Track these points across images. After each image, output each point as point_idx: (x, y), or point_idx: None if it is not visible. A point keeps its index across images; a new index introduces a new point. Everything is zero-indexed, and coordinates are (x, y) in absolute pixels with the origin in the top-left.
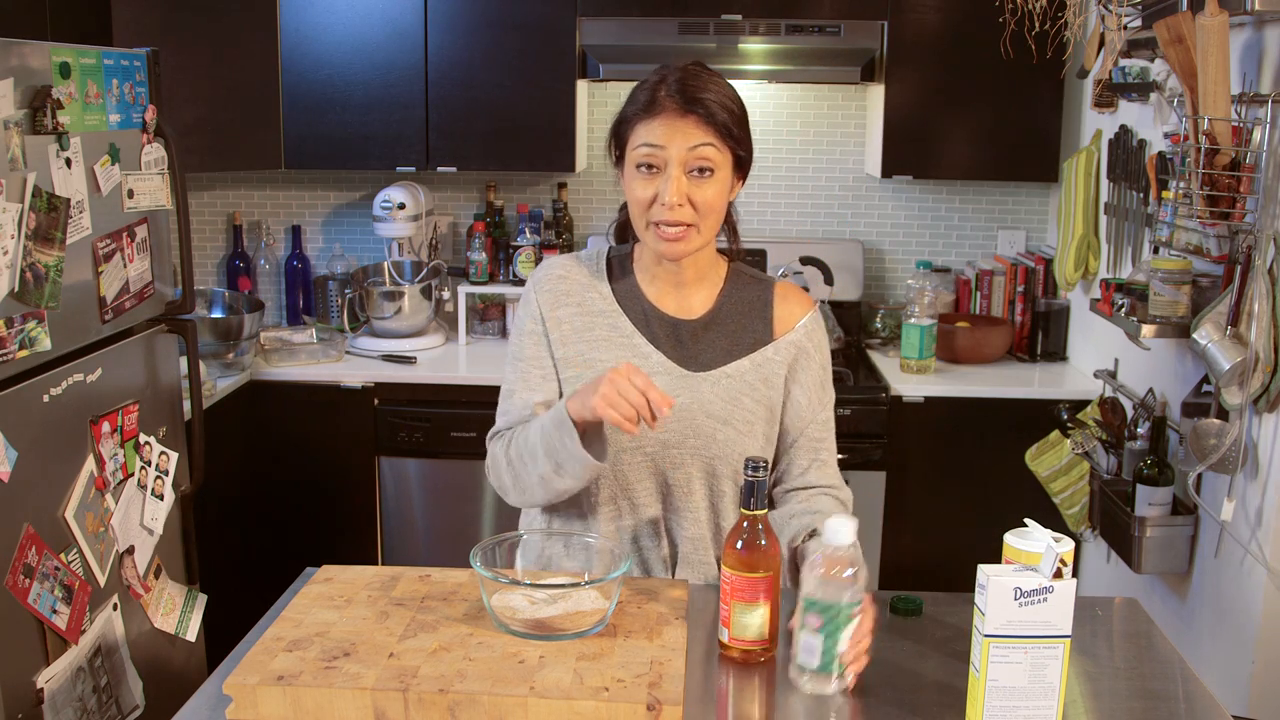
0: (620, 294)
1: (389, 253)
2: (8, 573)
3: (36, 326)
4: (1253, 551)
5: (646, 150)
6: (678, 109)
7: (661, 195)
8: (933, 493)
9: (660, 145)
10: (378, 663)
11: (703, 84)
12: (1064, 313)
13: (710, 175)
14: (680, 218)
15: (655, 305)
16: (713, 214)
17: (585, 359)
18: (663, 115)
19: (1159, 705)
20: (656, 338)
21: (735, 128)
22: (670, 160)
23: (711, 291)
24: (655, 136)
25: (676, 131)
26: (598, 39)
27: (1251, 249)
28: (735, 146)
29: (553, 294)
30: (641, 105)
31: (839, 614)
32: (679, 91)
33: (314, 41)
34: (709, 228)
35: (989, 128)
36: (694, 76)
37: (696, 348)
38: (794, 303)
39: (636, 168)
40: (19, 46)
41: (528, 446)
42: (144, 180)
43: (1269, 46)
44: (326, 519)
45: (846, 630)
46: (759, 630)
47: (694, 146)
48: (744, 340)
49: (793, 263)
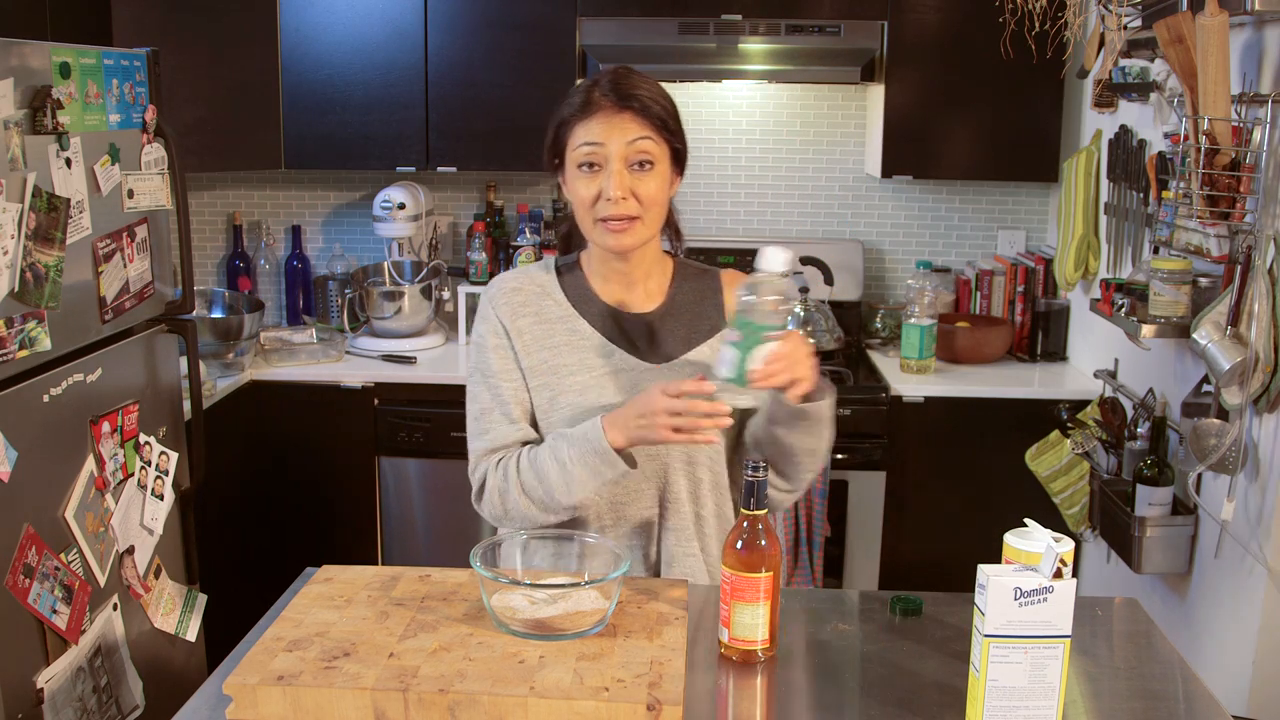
0: (574, 298)
1: (389, 253)
2: (8, 573)
3: (36, 326)
4: (1253, 551)
5: (587, 149)
6: (613, 106)
7: (605, 190)
8: (933, 493)
9: (600, 142)
10: (378, 663)
11: (634, 82)
12: (1064, 313)
13: (651, 168)
14: (625, 210)
15: (610, 305)
16: (655, 206)
17: (549, 365)
18: (600, 113)
19: (1159, 705)
20: (615, 336)
21: (670, 121)
22: (611, 156)
23: (661, 285)
24: (594, 134)
25: (614, 127)
26: (598, 39)
27: (1251, 249)
28: (671, 139)
29: (509, 305)
30: (577, 106)
31: (757, 333)
32: (612, 89)
33: (314, 41)
34: (653, 219)
35: (989, 128)
36: (625, 76)
37: (656, 339)
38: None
39: (578, 167)
40: (19, 46)
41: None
42: (144, 180)
43: (1269, 46)
44: (326, 519)
45: (762, 349)
46: (759, 630)
47: (632, 140)
48: (700, 328)
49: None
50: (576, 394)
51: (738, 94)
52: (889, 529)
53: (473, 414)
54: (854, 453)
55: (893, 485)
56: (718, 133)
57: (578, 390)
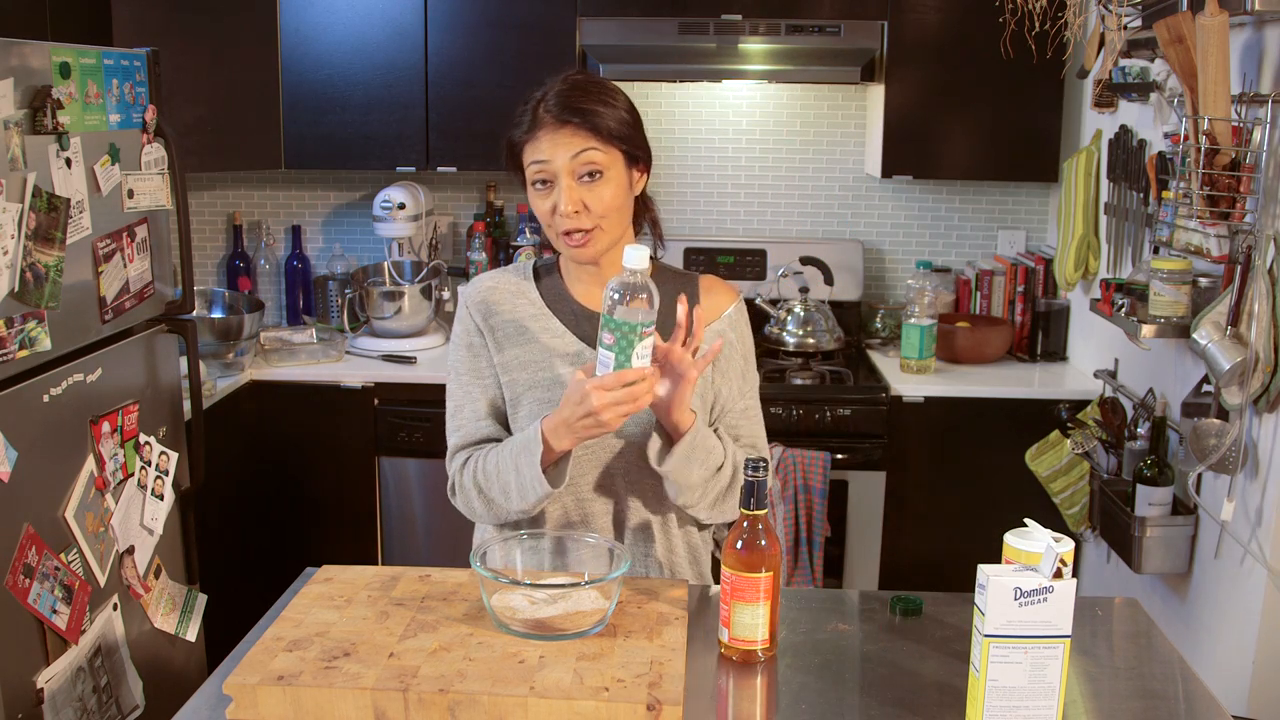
0: (548, 298)
1: (389, 253)
2: (8, 573)
3: (36, 326)
4: (1253, 551)
5: (536, 167)
6: (554, 122)
7: (558, 206)
8: (933, 493)
9: (545, 160)
10: (378, 663)
11: (579, 93)
12: (1064, 313)
13: (600, 178)
14: (579, 223)
15: (583, 304)
16: (611, 213)
17: (520, 362)
18: (543, 130)
19: (1159, 705)
20: (587, 335)
21: (617, 126)
22: (558, 171)
23: None
24: (541, 152)
25: (558, 144)
26: (598, 39)
27: (1251, 249)
28: (621, 144)
29: (484, 304)
30: (525, 127)
31: (631, 332)
32: (555, 104)
33: (314, 41)
34: (612, 226)
35: (989, 128)
36: (571, 88)
37: None
38: (719, 294)
39: (533, 185)
40: (19, 46)
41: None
42: (144, 180)
43: (1269, 46)
44: (326, 519)
45: (638, 347)
46: (759, 630)
47: (576, 154)
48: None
49: (793, 263)
50: (544, 390)
51: (738, 94)
52: (889, 529)
53: (449, 411)
54: (854, 453)
55: (893, 485)
56: (718, 133)
57: (545, 387)
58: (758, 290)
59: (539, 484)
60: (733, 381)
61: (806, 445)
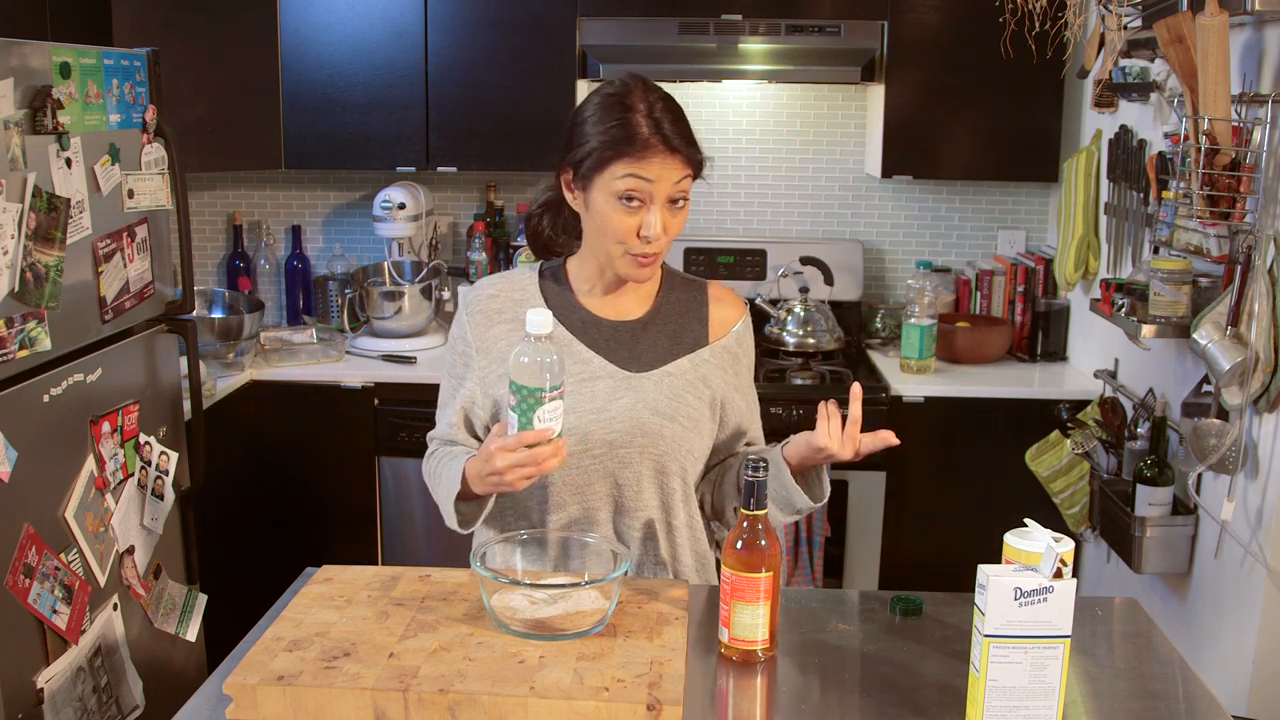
0: (555, 305)
1: (389, 253)
2: (8, 573)
3: (36, 326)
4: (1253, 551)
5: (634, 183)
6: (665, 149)
7: (646, 229)
8: (933, 493)
9: (650, 180)
10: (378, 663)
11: (682, 123)
12: (1064, 313)
13: (684, 205)
14: (657, 249)
15: (592, 312)
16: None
17: None
18: (653, 153)
19: (1159, 705)
20: (595, 343)
21: (702, 160)
22: (656, 195)
23: (649, 294)
24: (647, 172)
25: (667, 169)
26: (598, 39)
27: (1251, 249)
28: (698, 174)
29: (484, 314)
30: (623, 139)
31: (531, 396)
32: (670, 129)
33: (314, 41)
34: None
35: (989, 128)
36: (675, 116)
37: (637, 349)
38: (728, 307)
39: (620, 198)
40: (19, 46)
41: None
42: (144, 180)
43: (1269, 46)
44: (326, 519)
45: (539, 411)
46: (759, 630)
47: (679, 181)
48: (683, 340)
49: (793, 263)
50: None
51: (738, 94)
52: (889, 529)
53: (439, 401)
54: None
55: (893, 485)
56: (718, 133)
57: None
58: (758, 290)
59: (451, 517)
60: (745, 393)
61: None
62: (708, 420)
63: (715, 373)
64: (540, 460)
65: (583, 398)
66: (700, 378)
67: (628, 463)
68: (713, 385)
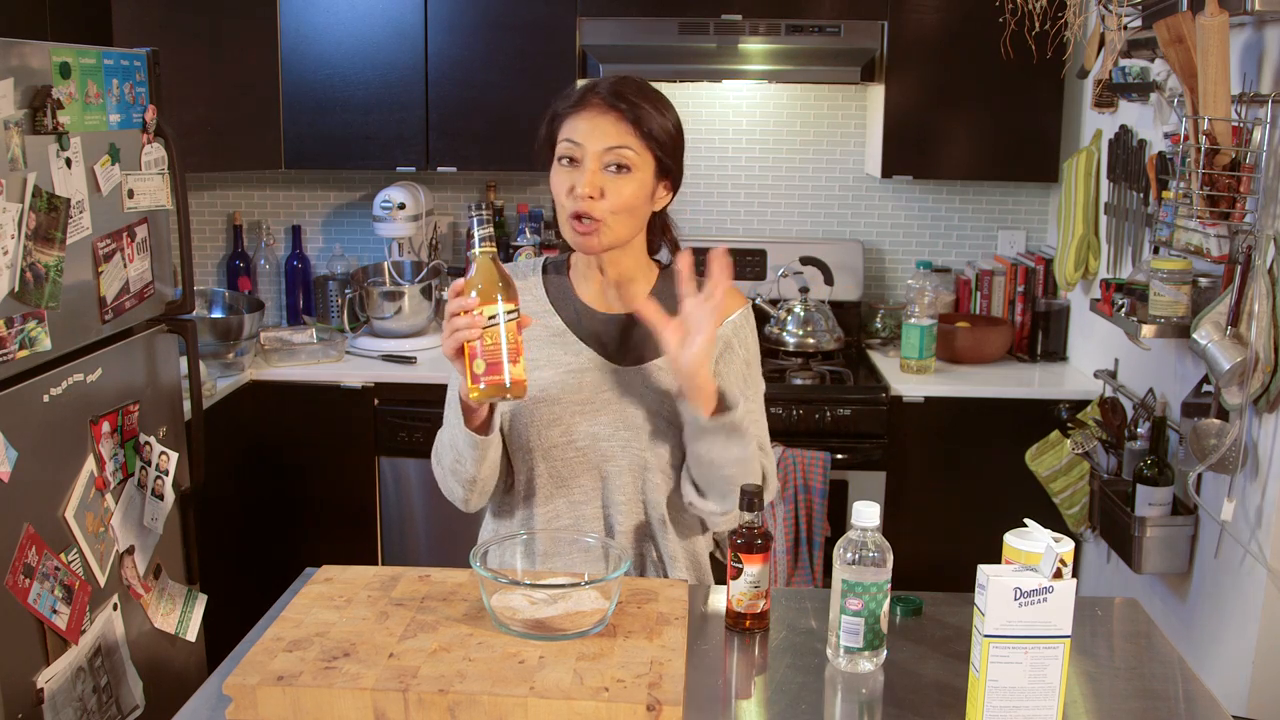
0: (553, 295)
1: (389, 253)
2: (8, 573)
3: (36, 326)
4: (1253, 551)
5: (568, 145)
6: (602, 105)
7: (577, 185)
8: (933, 493)
9: (580, 141)
10: (378, 663)
11: (635, 87)
12: (1064, 313)
13: (627, 173)
14: (591, 209)
15: (587, 304)
16: (625, 211)
17: None
18: (587, 110)
19: (1159, 705)
20: (587, 335)
21: (659, 130)
22: (588, 154)
23: (643, 289)
24: (578, 132)
25: (597, 127)
26: (598, 39)
27: (1251, 249)
28: (657, 150)
29: None
30: (572, 100)
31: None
32: (608, 89)
33: (314, 41)
34: (620, 224)
35: (989, 128)
36: (628, 82)
37: (628, 343)
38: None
39: (559, 160)
40: (19, 46)
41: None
42: (144, 180)
43: (1269, 46)
44: (326, 519)
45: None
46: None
47: (611, 147)
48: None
49: (793, 263)
50: (538, 388)
51: (738, 94)
52: (889, 529)
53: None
54: (854, 453)
55: (893, 485)
56: (718, 133)
57: (540, 385)
58: (758, 290)
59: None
60: (732, 385)
61: (806, 445)
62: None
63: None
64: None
65: (570, 388)
66: None
67: (611, 455)
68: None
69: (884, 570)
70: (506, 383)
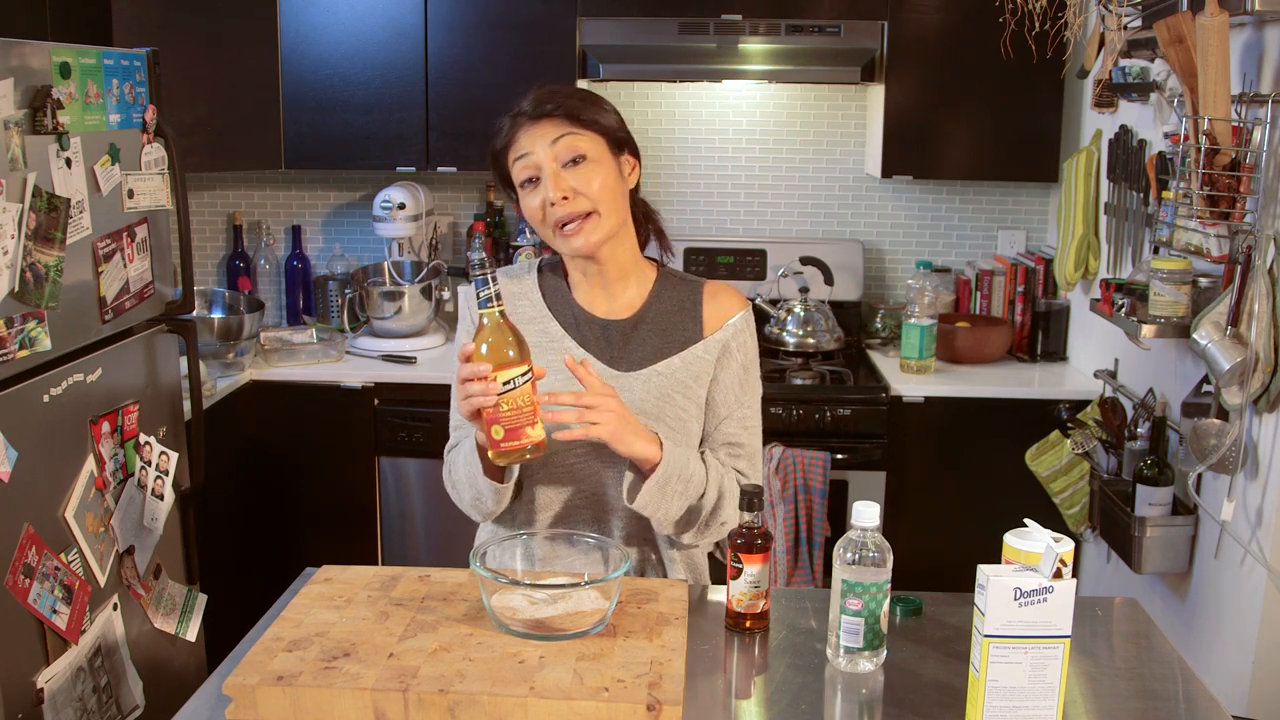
0: (550, 300)
1: (389, 253)
2: (8, 573)
3: (36, 326)
4: (1253, 551)
5: (520, 164)
6: (529, 119)
7: (546, 195)
8: (933, 493)
9: (527, 152)
10: (378, 663)
11: (549, 92)
12: (1064, 313)
13: (585, 162)
14: (573, 208)
15: (585, 309)
16: (607, 197)
17: None
18: (520, 130)
19: (1159, 705)
20: (586, 339)
21: (595, 115)
22: (541, 162)
23: (641, 292)
24: (521, 148)
25: (535, 136)
26: (598, 39)
27: (1251, 249)
28: (599, 129)
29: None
30: (503, 134)
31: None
32: (529, 105)
33: (314, 41)
34: (609, 212)
35: (989, 128)
36: (546, 90)
37: (627, 347)
38: (724, 302)
39: (521, 186)
40: (19, 46)
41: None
42: (144, 180)
43: (1269, 46)
44: (326, 519)
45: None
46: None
47: (555, 140)
48: (674, 339)
49: (793, 263)
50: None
51: (738, 94)
52: (889, 529)
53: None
54: (854, 453)
55: (893, 485)
56: (718, 133)
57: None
58: (758, 290)
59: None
60: (728, 390)
61: (806, 445)
62: (694, 421)
63: (708, 369)
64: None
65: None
66: (693, 376)
67: (611, 462)
68: (704, 382)
69: (884, 570)
70: (529, 447)
